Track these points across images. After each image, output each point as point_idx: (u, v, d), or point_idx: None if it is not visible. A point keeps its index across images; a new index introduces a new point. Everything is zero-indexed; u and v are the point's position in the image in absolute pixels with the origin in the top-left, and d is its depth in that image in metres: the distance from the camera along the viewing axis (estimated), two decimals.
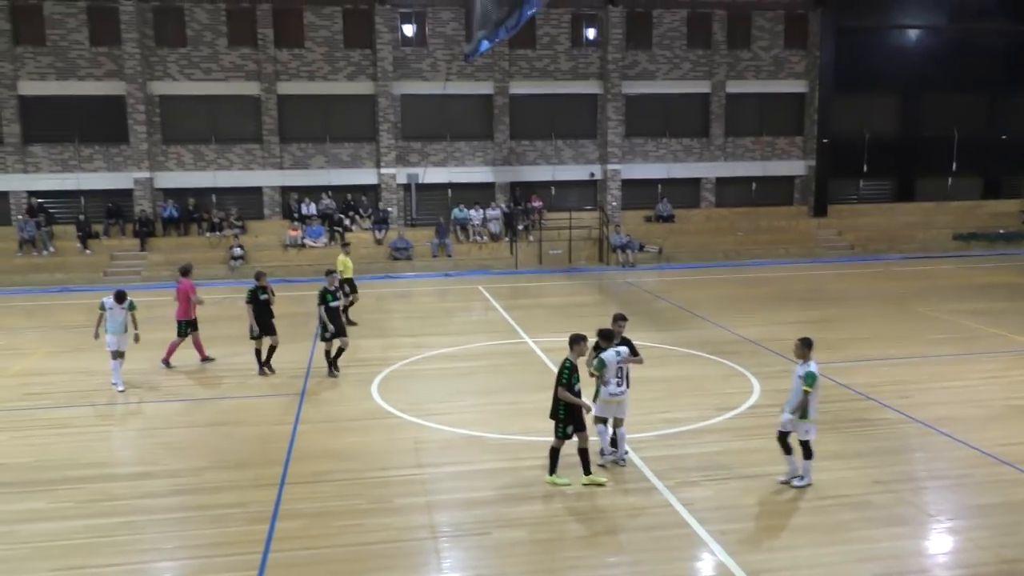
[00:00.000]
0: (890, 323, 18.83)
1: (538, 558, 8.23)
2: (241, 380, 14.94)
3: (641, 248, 29.75)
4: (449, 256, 29.18)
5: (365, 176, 30.89)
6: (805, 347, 9.79)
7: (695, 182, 33.12)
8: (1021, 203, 33.78)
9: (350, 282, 19.77)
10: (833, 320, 19.24)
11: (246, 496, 9.77)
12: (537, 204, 30.87)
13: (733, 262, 29.69)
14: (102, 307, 14.23)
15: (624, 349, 10.37)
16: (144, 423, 12.85)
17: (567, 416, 9.77)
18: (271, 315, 15.39)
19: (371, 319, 20.23)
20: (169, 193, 29.77)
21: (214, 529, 8.94)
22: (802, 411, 9.63)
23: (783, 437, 9.84)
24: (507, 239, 29.87)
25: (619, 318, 10.92)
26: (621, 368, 10.24)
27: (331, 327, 14.85)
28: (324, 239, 29.06)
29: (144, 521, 9.18)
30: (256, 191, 30.41)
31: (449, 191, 31.50)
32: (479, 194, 31.28)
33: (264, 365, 15.25)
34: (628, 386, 10.32)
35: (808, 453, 9.73)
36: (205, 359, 16.22)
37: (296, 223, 29.27)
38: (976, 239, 31.58)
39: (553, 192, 32.16)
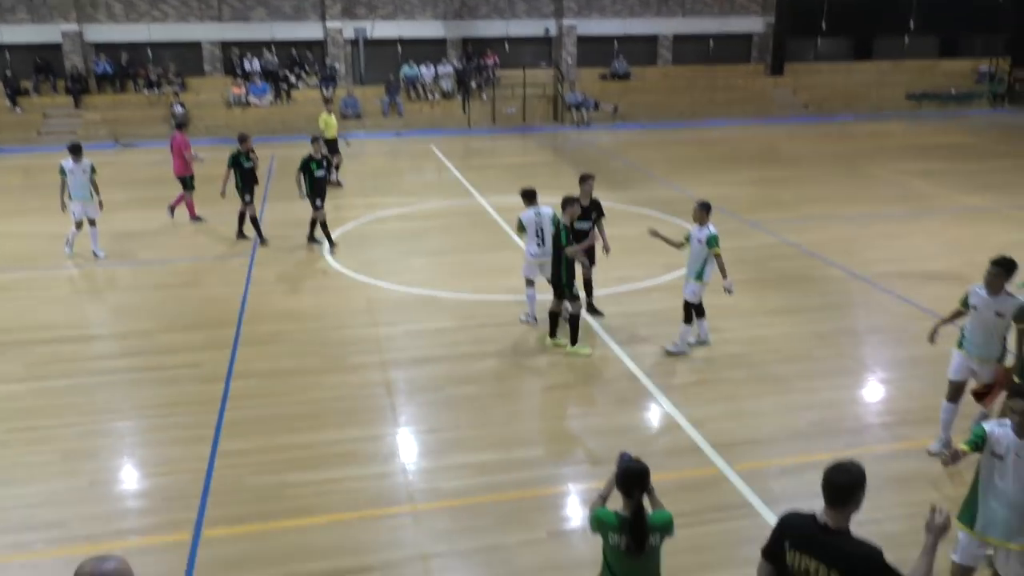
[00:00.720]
0: (840, 182, 19.03)
1: (491, 412, 8.45)
2: (191, 242, 14.68)
3: (596, 107, 29.28)
4: (400, 115, 28.45)
5: (310, 30, 29.51)
6: (703, 210, 9.54)
7: (652, 39, 32.33)
8: (975, 62, 33.72)
9: (331, 143, 18.62)
10: (785, 180, 19.38)
11: (199, 357, 9.78)
12: (491, 61, 29.97)
13: (689, 121, 29.46)
14: (62, 171, 13.21)
15: (547, 210, 10.24)
16: (92, 286, 12.65)
17: (571, 278, 9.65)
18: (255, 181, 14.59)
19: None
20: (101, 48, 28.19)
21: (168, 389, 8.97)
22: (699, 272, 9.53)
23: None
24: (459, 97, 29.13)
25: (586, 177, 10.69)
26: (541, 229, 10.16)
27: (318, 200, 13.83)
28: (269, 97, 28.03)
29: (96, 383, 9.16)
30: (195, 46, 28.95)
31: (399, 47, 30.34)
32: (430, 50, 30.21)
33: (259, 233, 14.49)
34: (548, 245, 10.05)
35: (688, 317, 9.66)
36: (195, 218, 15.96)
37: (239, 80, 28.09)
38: (928, 99, 31.65)
39: (507, 48, 31.17)
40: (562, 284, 9.66)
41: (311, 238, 14.27)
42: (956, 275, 11.83)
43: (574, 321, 9.72)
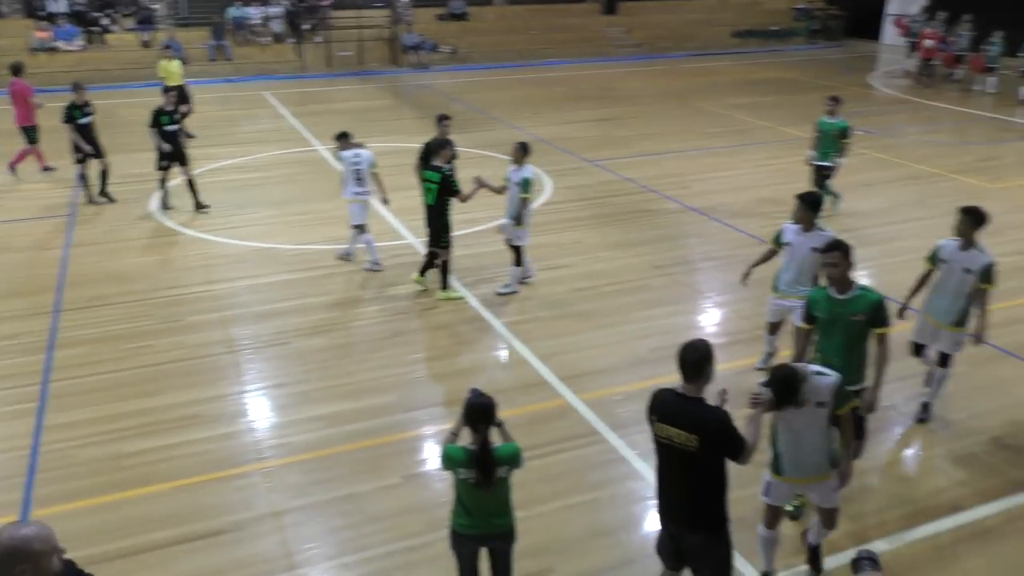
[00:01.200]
0: (673, 119, 19.69)
1: (340, 362, 8.32)
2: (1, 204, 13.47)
3: (434, 49, 28.79)
4: (229, 60, 26.91)
5: None
6: (521, 151, 9.48)
7: None
8: (793, 0, 35.41)
9: (179, 90, 17.00)
10: (621, 118, 19.83)
11: (18, 327, 9.05)
12: (324, 2, 28.75)
13: (527, 62, 29.48)
14: None
15: (365, 153, 10.23)
16: None
17: (449, 225, 9.47)
18: (93, 132, 13.27)
19: (144, 131, 18.57)
20: None
21: None
22: (517, 217, 9.54)
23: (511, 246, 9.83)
24: (292, 40, 27.86)
25: (443, 118, 10.45)
26: (359, 171, 10.19)
27: (165, 148, 12.57)
28: (80, 41, 25.81)
29: None
30: None
31: None
32: None
33: (102, 193, 13.30)
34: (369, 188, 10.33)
35: (518, 260, 9.74)
36: (47, 168, 14.70)
37: (43, 23, 25.67)
38: (752, 36, 33.05)
39: None
40: (446, 231, 9.51)
41: (166, 194, 13.06)
42: (780, 200, 12.55)
43: (445, 266, 9.66)
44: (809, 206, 7.30)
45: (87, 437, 7.02)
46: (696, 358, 4.33)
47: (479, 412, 4.43)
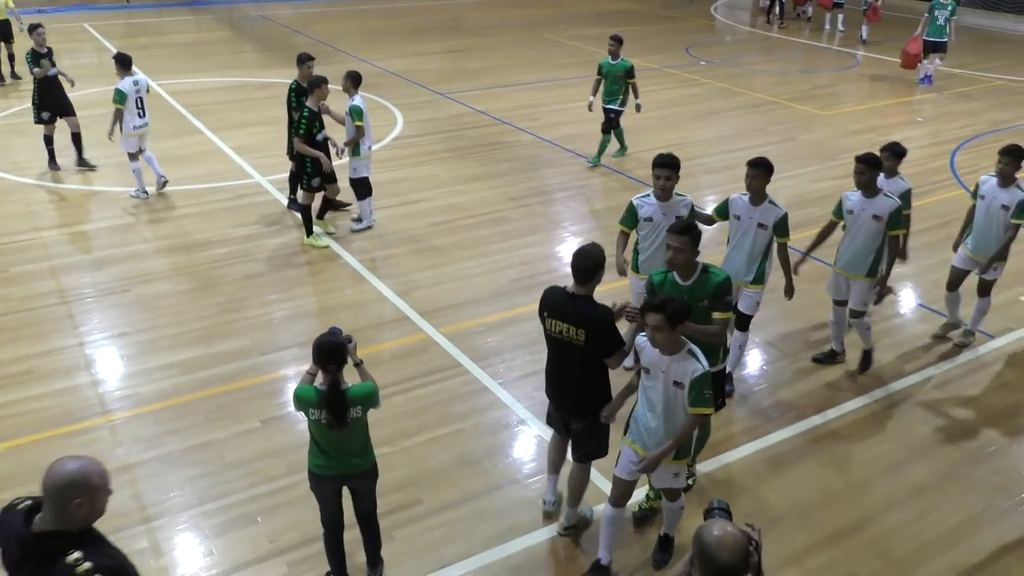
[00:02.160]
0: (523, 50, 19.62)
1: (188, 307, 7.92)
2: None
3: None
4: None
5: None
6: (349, 81, 9.25)
7: None
8: None
9: (3, 25, 15.51)
10: (471, 49, 19.58)
11: None
12: None
13: None
14: None
15: (142, 79, 10.20)
16: None
17: (313, 168, 8.90)
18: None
19: None
20: None
21: None
22: (353, 147, 9.27)
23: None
24: None
25: (306, 58, 9.86)
26: (141, 99, 10.06)
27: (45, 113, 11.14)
28: None
29: None
30: None
31: None
32: None
33: (81, 160, 11.52)
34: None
35: (361, 193, 9.53)
36: None
37: None
38: None
39: None
40: (304, 174, 9.03)
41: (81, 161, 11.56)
42: (629, 129, 12.77)
43: (305, 212, 9.24)
44: (874, 166, 6.51)
45: None
46: (590, 264, 4.66)
47: (328, 352, 4.31)
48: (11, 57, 15.96)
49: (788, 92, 16.33)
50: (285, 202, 10.29)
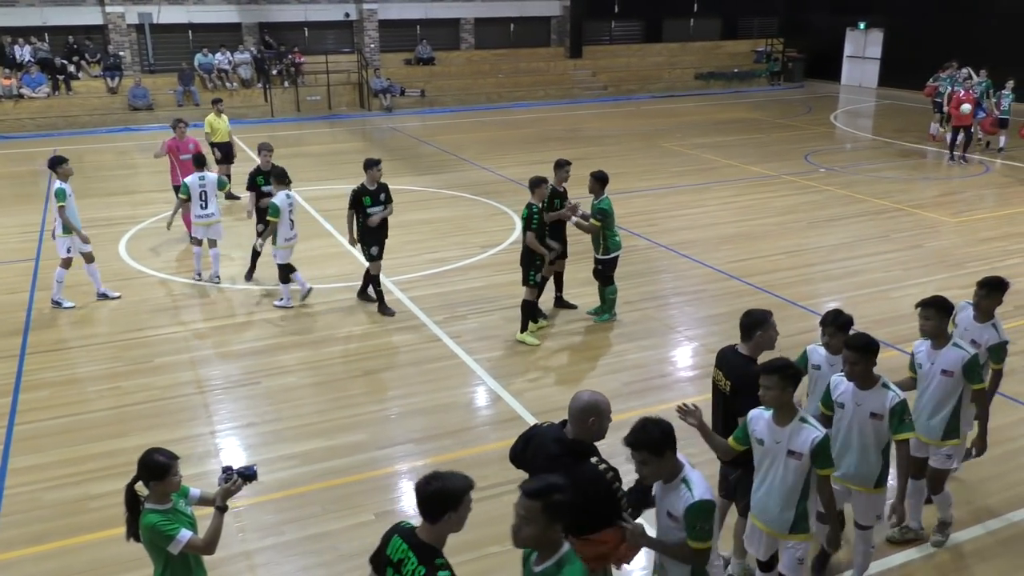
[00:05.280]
0: (639, 159, 20.01)
1: (310, 400, 8.26)
2: None
3: (402, 92, 29.11)
4: (197, 105, 26.94)
5: (87, 15, 27.33)
6: (275, 179, 10.52)
7: (454, 22, 32.50)
8: (753, 43, 36.37)
9: (224, 147, 16.51)
10: (589, 158, 20.04)
11: None
12: (299, 60, 28.68)
13: (495, 104, 29.89)
14: None
15: (211, 176, 11.55)
16: None
17: (534, 262, 9.25)
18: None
19: (114, 176, 18.52)
20: None
21: None
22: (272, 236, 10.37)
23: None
24: (260, 85, 28.03)
25: (563, 163, 10.47)
26: (204, 192, 11.22)
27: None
28: (46, 88, 25.72)
29: None
30: None
31: (190, 33, 28.76)
32: (225, 36, 28.80)
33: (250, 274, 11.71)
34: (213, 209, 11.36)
35: (284, 277, 10.46)
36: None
37: (9, 71, 25.57)
38: (715, 78, 33.83)
39: (307, 34, 30.32)
40: (530, 268, 9.34)
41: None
42: (746, 235, 12.76)
43: (526, 307, 9.43)
44: (943, 310, 5.59)
45: (53, 480, 6.88)
46: (747, 322, 5.26)
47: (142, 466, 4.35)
48: (228, 177, 16.14)
49: (912, 199, 15.94)
50: (408, 303, 10.69)
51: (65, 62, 26.48)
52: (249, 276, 11.65)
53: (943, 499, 5.94)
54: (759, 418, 4.77)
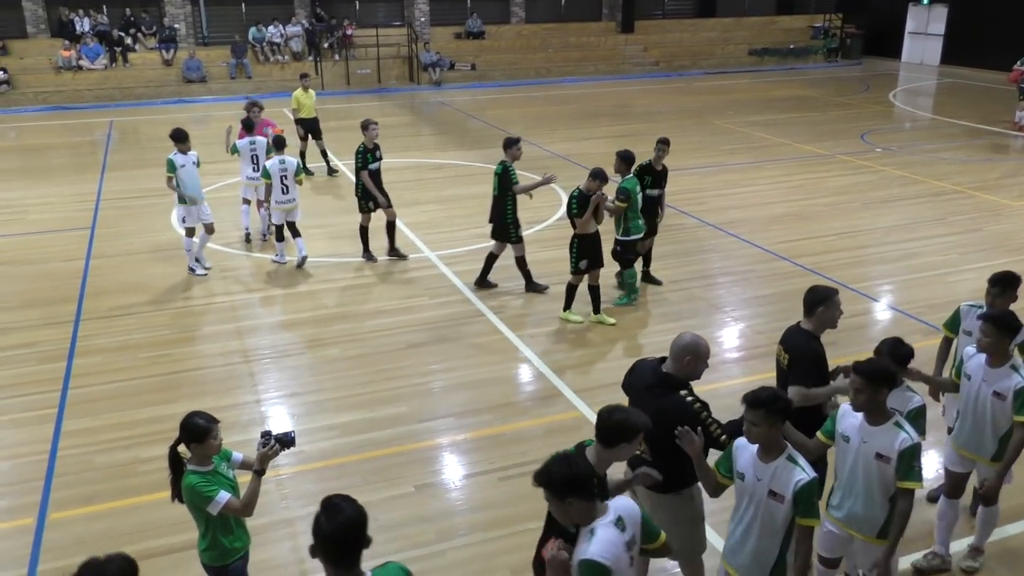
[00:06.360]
0: (689, 136, 19.69)
1: (353, 372, 8.34)
2: (19, 216, 13.64)
3: (452, 66, 29.04)
4: (249, 78, 27.26)
5: None
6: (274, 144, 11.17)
7: None
8: (810, 19, 35.45)
9: (310, 123, 16.18)
10: (638, 134, 19.81)
11: (36, 336, 9.15)
12: (349, 31, 28.83)
13: (544, 79, 29.66)
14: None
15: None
16: None
17: (580, 250, 9.17)
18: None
19: (168, 147, 18.75)
20: None
21: (3, 371, 8.35)
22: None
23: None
24: (311, 59, 28.19)
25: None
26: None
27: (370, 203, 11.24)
28: (103, 60, 26.22)
29: None
30: (14, 5, 26.67)
31: (243, 6, 29.00)
32: (277, 10, 28.99)
33: (392, 251, 11.47)
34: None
35: (282, 236, 11.04)
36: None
37: (68, 43, 26.09)
38: (769, 54, 33.09)
39: (358, 7, 30.37)
40: (572, 254, 9.26)
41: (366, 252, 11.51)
42: (797, 215, 12.51)
43: (593, 291, 9.39)
44: (1004, 328, 5.01)
45: (104, 443, 7.06)
46: (810, 299, 5.15)
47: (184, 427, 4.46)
48: (323, 154, 16.45)
49: (972, 181, 15.44)
50: (452, 277, 10.70)
51: (122, 34, 26.94)
52: (393, 252, 11.43)
53: (989, 516, 5.42)
54: (744, 448, 4.21)
